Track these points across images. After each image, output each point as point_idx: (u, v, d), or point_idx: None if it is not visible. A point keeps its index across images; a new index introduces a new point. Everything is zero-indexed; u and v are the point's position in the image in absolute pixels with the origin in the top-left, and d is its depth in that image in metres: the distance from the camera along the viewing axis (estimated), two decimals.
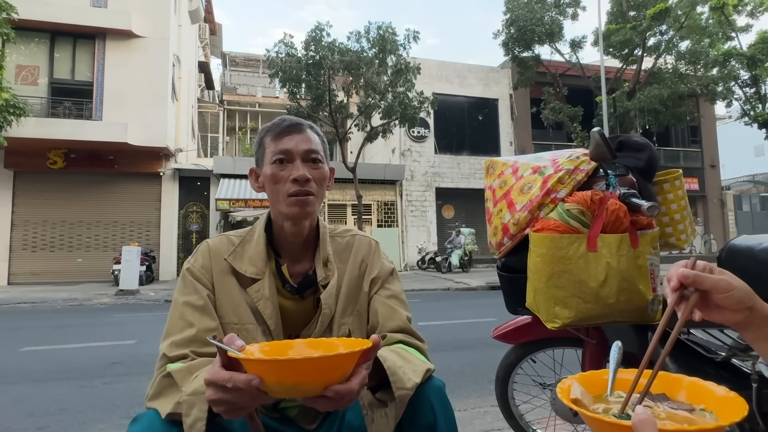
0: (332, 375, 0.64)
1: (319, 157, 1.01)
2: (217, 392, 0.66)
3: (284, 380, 0.62)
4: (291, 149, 0.99)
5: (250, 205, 13.18)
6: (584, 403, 0.53)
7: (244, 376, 0.63)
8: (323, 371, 0.63)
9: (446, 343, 4.65)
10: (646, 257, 1.32)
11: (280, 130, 1.00)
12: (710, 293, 0.60)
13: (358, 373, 0.67)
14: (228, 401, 0.66)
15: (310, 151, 1.00)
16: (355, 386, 0.66)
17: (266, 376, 0.62)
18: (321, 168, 1.01)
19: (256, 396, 0.65)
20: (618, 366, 0.60)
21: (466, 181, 17.02)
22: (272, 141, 1.00)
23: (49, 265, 12.83)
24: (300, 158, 0.99)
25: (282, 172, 0.98)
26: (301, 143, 0.99)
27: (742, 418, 0.47)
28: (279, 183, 0.98)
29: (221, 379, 0.65)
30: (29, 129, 11.22)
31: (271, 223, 1.05)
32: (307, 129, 1.03)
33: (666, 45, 15.91)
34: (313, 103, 13.18)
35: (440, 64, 17.43)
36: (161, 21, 13.34)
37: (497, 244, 1.51)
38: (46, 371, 3.87)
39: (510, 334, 1.84)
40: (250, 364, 0.63)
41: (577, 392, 0.55)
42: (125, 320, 6.78)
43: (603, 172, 1.42)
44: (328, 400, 0.65)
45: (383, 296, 1.04)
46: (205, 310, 0.94)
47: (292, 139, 0.99)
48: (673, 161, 19.43)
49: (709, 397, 0.54)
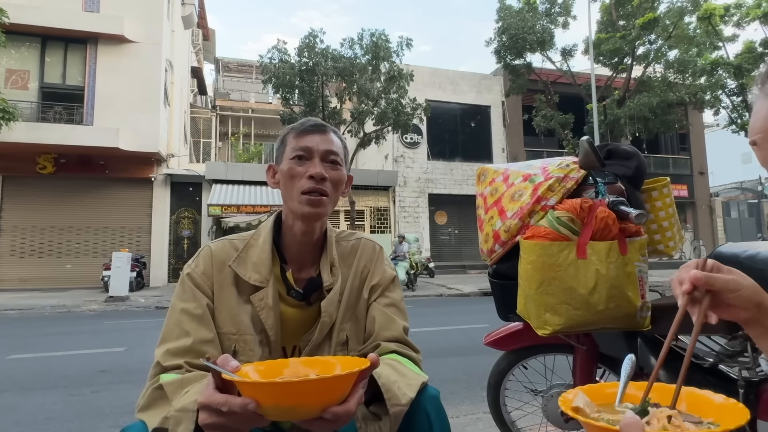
0: (330, 396, 0.62)
1: (338, 159, 1.01)
2: (211, 416, 0.64)
3: (281, 403, 0.61)
4: (312, 147, 0.99)
5: (242, 211, 13.12)
6: (586, 412, 0.54)
7: (240, 400, 0.61)
8: (321, 393, 0.61)
9: (439, 349, 4.64)
10: (634, 264, 1.33)
11: (304, 129, 1.01)
12: (720, 293, 0.60)
13: (354, 392, 0.66)
14: (223, 425, 0.64)
15: (330, 151, 1.00)
16: (353, 407, 0.65)
17: (262, 399, 0.60)
18: (339, 170, 1.01)
19: (252, 419, 0.63)
20: (629, 378, 0.60)
21: (459, 188, 17.09)
22: (294, 138, 1.00)
23: (37, 271, 12.65)
24: (319, 157, 0.98)
25: (299, 167, 0.98)
26: (322, 143, 1.00)
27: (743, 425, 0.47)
28: (295, 179, 0.98)
29: (216, 402, 0.63)
30: (19, 133, 11.09)
31: (279, 225, 1.04)
32: (330, 132, 1.03)
33: (655, 54, 16.16)
34: (306, 109, 13.19)
35: (433, 71, 17.54)
36: (154, 26, 13.31)
37: (488, 251, 1.52)
38: (33, 379, 3.81)
39: (501, 341, 1.85)
40: (246, 387, 0.61)
41: (580, 401, 0.55)
42: (115, 327, 6.70)
43: (592, 179, 1.44)
44: (325, 422, 0.64)
45: (382, 304, 1.03)
46: (202, 320, 0.92)
47: (314, 138, 1.00)
48: (663, 168, 19.68)
49: (709, 406, 0.54)
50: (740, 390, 1.25)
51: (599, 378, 1.76)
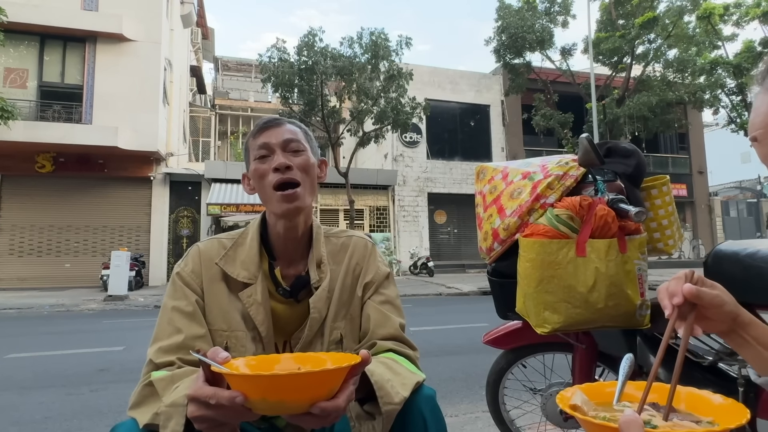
0: (319, 391, 0.62)
1: (299, 146, 1.00)
2: (199, 409, 0.64)
3: (269, 397, 0.60)
4: (269, 142, 0.98)
5: (241, 210, 13.12)
6: (584, 410, 0.54)
7: (228, 393, 0.61)
8: (309, 387, 0.61)
9: (438, 348, 4.64)
10: (634, 262, 1.33)
11: (259, 128, 1.01)
12: (704, 307, 0.62)
13: (345, 389, 0.66)
14: (210, 418, 0.64)
15: (288, 140, 0.99)
16: (342, 403, 0.64)
17: (250, 392, 0.60)
18: (303, 154, 1.00)
19: (240, 413, 0.63)
20: (627, 377, 0.60)
21: (458, 187, 17.09)
22: (253, 139, 1.01)
23: (36, 270, 12.64)
24: (280, 149, 0.98)
25: (264, 165, 0.98)
26: (279, 135, 0.99)
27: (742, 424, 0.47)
28: (263, 178, 0.98)
29: (204, 395, 0.63)
30: (17, 132, 11.09)
31: (266, 225, 1.04)
32: (286, 123, 1.02)
33: (654, 53, 16.16)
34: (306, 108, 13.19)
35: (432, 70, 17.53)
36: (153, 25, 13.28)
37: (487, 249, 1.51)
38: (31, 378, 3.80)
39: (500, 340, 1.85)
40: (234, 379, 0.61)
41: (578, 400, 0.55)
42: (113, 326, 6.69)
43: (591, 177, 1.43)
44: (314, 418, 0.63)
45: (377, 302, 1.02)
46: (193, 317, 0.93)
47: (269, 133, 0.99)
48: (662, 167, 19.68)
49: (707, 406, 0.54)
50: (740, 388, 1.25)
51: (598, 377, 1.76)
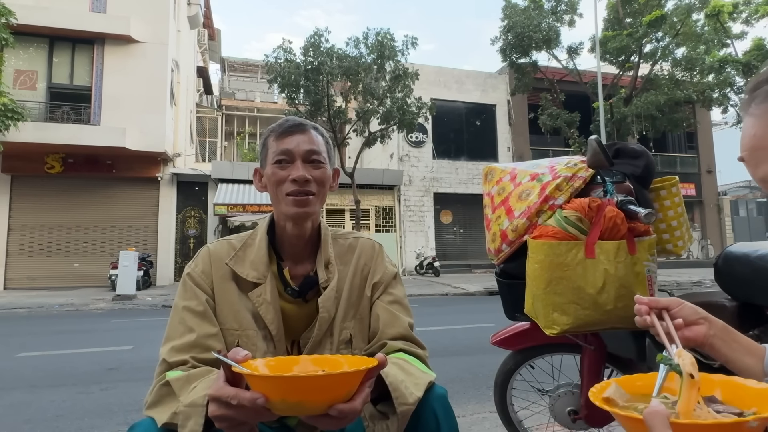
0: (337, 393, 0.64)
1: (320, 159, 1.01)
2: (220, 408, 0.66)
3: (289, 398, 0.62)
4: (292, 149, 0.98)
5: (248, 210, 13.17)
6: (616, 402, 0.54)
7: (249, 394, 0.63)
8: (329, 390, 0.63)
9: (445, 348, 4.64)
10: (643, 264, 1.33)
11: (283, 130, 1.00)
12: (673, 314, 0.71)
13: (361, 391, 0.67)
14: (231, 417, 0.66)
15: (311, 151, 0.99)
16: (359, 405, 0.66)
17: (270, 393, 0.62)
18: (322, 169, 1.01)
19: (260, 413, 0.65)
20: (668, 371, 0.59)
21: (464, 187, 17.05)
22: (274, 141, 1.00)
23: (45, 270, 12.77)
24: (301, 159, 0.98)
25: (282, 172, 0.98)
26: (302, 144, 0.99)
27: None
28: (279, 183, 0.98)
29: (225, 395, 0.64)
30: (27, 133, 11.21)
31: (274, 225, 1.05)
32: (311, 129, 1.02)
33: (662, 52, 16.03)
34: (312, 109, 13.22)
35: (438, 69, 17.50)
36: (160, 26, 13.38)
37: (496, 251, 1.51)
38: (42, 377, 3.85)
39: (508, 340, 1.84)
40: (255, 380, 0.63)
41: (611, 392, 0.56)
42: (122, 326, 6.75)
43: (600, 179, 1.43)
44: (331, 419, 0.65)
45: (385, 302, 1.03)
46: (205, 316, 0.94)
47: (293, 139, 0.99)
48: (670, 167, 19.53)
49: (746, 392, 0.53)
50: None
51: (607, 378, 1.76)
